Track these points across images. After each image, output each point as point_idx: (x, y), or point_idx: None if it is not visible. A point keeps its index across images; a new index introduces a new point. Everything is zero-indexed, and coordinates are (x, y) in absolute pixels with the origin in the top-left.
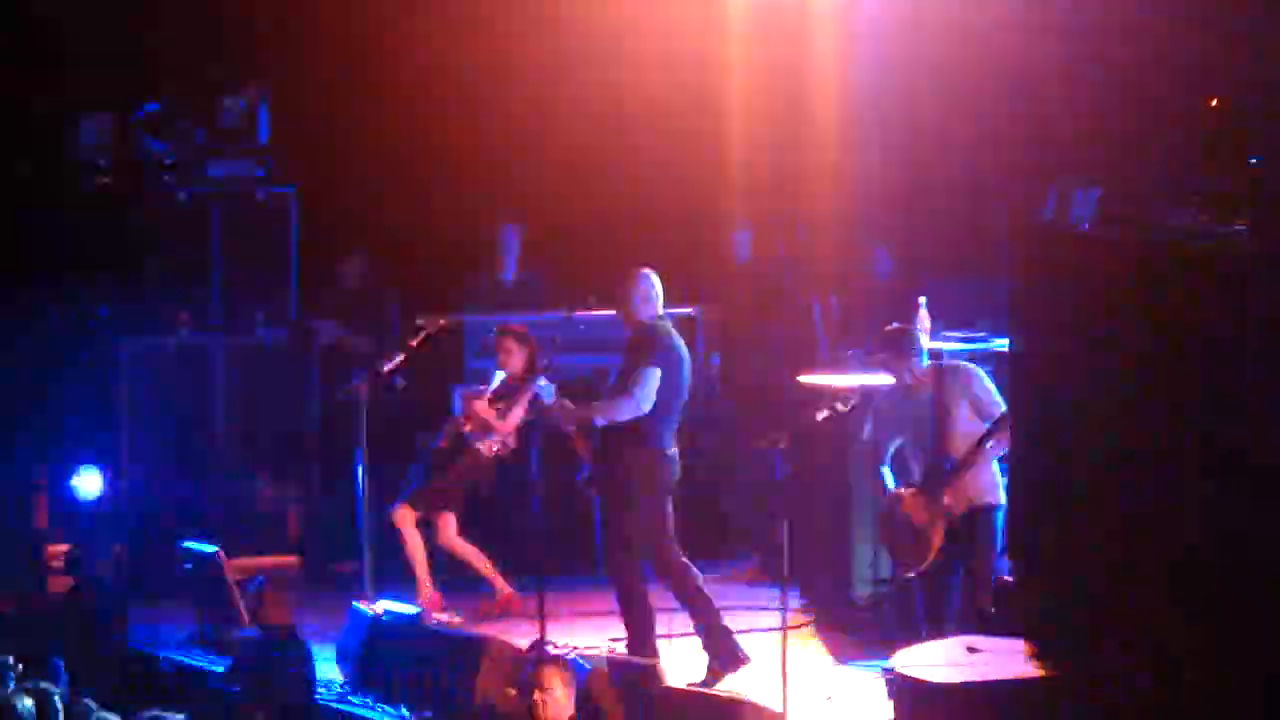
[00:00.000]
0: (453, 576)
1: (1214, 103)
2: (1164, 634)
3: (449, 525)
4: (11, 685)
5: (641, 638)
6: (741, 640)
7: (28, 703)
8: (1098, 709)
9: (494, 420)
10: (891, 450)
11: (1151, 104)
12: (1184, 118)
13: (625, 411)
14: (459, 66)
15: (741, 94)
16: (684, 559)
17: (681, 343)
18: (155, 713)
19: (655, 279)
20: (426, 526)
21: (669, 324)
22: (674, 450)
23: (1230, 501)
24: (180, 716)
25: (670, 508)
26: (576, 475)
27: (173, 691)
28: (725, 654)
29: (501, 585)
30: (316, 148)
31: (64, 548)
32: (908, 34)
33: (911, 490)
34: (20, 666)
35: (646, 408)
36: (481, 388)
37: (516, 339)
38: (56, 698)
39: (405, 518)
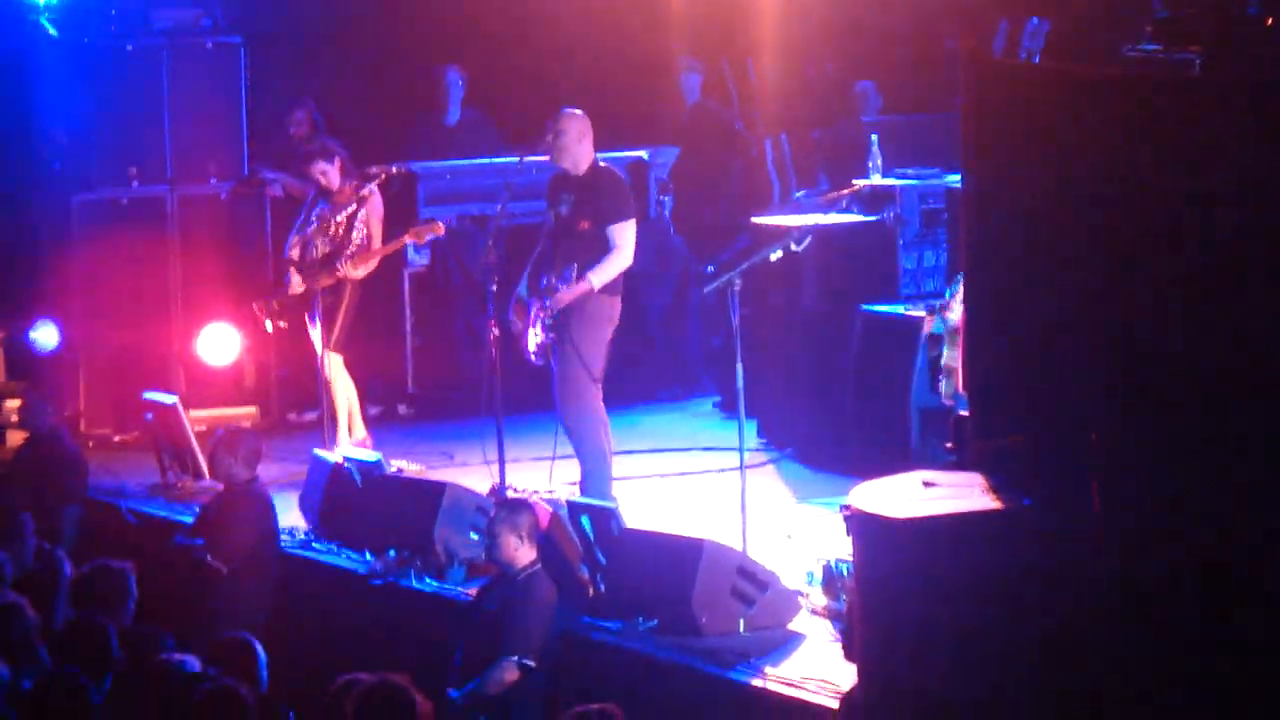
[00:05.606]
0: None
1: None
2: (1123, 465)
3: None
4: None
5: (599, 480)
6: (702, 481)
7: None
8: (1054, 540)
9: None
10: None
11: None
12: None
13: (619, 269)
14: None
15: None
16: None
17: None
18: (101, 561)
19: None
20: None
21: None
22: None
23: (1192, 329)
24: (125, 564)
25: None
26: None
27: (135, 542)
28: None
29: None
30: None
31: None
32: None
33: None
34: None
35: (631, 259)
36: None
37: (325, 155)
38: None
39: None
